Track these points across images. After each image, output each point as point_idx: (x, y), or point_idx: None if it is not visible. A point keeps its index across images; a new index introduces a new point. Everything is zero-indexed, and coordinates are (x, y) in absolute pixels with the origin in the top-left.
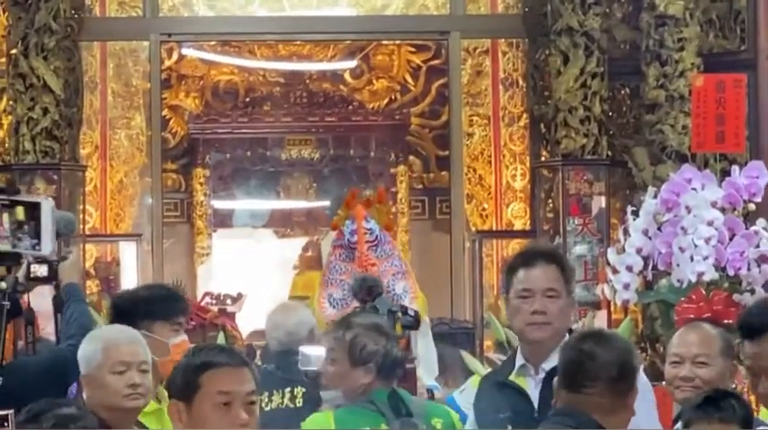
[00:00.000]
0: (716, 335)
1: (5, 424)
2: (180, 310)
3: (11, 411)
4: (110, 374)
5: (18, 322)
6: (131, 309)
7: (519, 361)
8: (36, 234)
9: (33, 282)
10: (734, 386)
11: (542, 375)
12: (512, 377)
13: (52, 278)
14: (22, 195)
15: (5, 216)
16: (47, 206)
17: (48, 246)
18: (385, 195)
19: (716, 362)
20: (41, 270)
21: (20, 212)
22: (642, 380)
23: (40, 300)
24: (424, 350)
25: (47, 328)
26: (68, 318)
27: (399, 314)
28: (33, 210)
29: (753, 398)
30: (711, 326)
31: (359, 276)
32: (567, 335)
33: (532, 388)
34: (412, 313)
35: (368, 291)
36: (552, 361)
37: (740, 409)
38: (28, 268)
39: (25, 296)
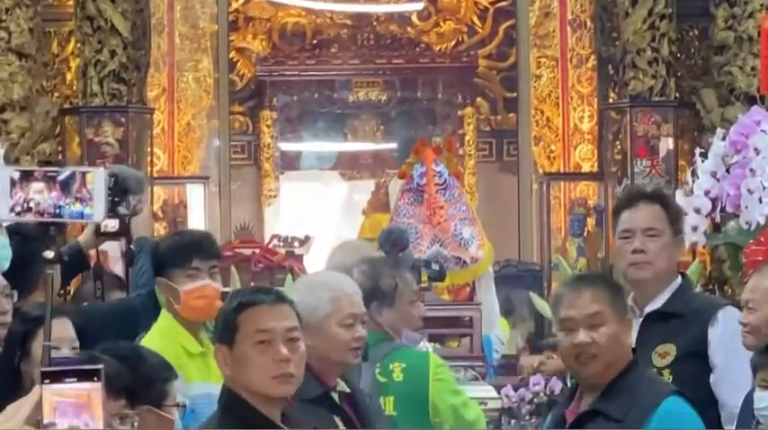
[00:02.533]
0: None
1: (96, 378)
2: (194, 255)
3: (101, 366)
4: (337, 326)
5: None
6: (155, 257)
7: (628, 302)
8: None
9: (104, 237)
10: None
11: (642, 318)
12: None
13: (123, 233)
14: (72, 167)
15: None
16: (99, 176)
17: (99, 213)
18: (454, 144)
19: (763, 308)
20: (112, 224)
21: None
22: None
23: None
24: (485, 301)
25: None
26: (138, 270)
27: (423, 267)
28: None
29: None
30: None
31: (385, 228)
32: (680, 278)
33: (634, 329)
34: (436, 266)
35: (393, 243)
36: (656, 303)
37: None
38: (98, 224)
39: (93, 251)
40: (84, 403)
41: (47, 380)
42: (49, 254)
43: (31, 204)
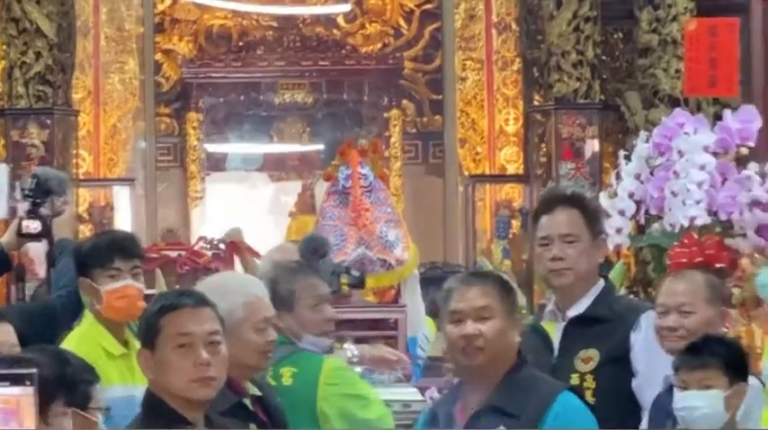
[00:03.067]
0: (701, 283)
1: (28, 382)
2: (115, 256)
3: (34, 370)
4: (251, 331)
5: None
6: (76, 258)
7: (550, 306)
8: None
9: (26, 238)
10: (725, 331)
11: (564, 323)
12: (542, 322)
13: (45, 234)
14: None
15: None
16: (2, 170)
17: (2, 210)
18: (380, 146)
19: (701, 310)
20: (34, 225)
21: None
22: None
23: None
24: (410, 303)
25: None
26: (59, 271)
27: (344, 274)
28: None
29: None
30: (698, 272)
31: (306, 236)
32: (602, 281)
33: (557, 334)
34: (357, 273)
35: (313, 250)
36: (578, 307)
37: (725, 352)
38: (20, 224)
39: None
40: (13, 409)
41: None
42: None
43: None
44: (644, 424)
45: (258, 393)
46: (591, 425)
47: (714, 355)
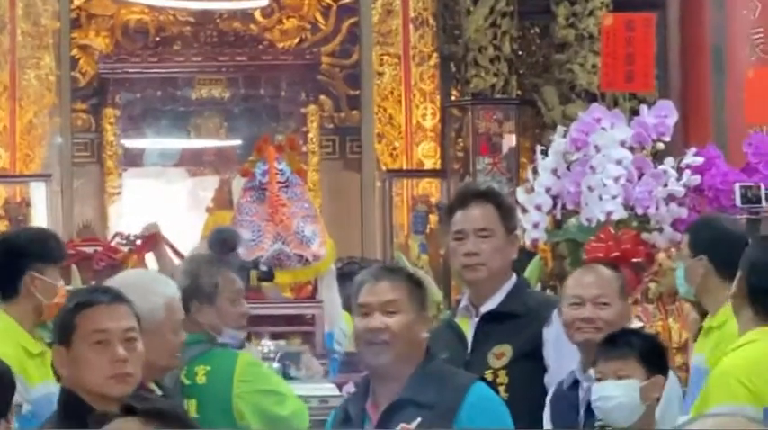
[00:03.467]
0: (613, 277)
1: None
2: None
3: None
4: (170, 332)
5: None
6: (26, 250)
7: (464, 302)
8: None
9: None
10: (641, 325)
11: (478, 318)
12: (456, 318)
13: None
14: None
15: None
16: None
17: None
18: (296, 142)
19: (615, 303)
20: None
21: None
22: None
23: None
24: (327, 299)
25: None
26: None
27: (252, 268)
28: None
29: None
30: (605, 267)
31: (214, 229)
32: (515, 276)
33: (470, 330)
34: (265, 267)
35: (222, 243)
36: (491, 303)
37: (641, 344)
38: None
39: None
40: None
41: None
42: None
43: None
44: (546, 417)
45: (160, 393)
46: (504, 415)
47: (631, 347)
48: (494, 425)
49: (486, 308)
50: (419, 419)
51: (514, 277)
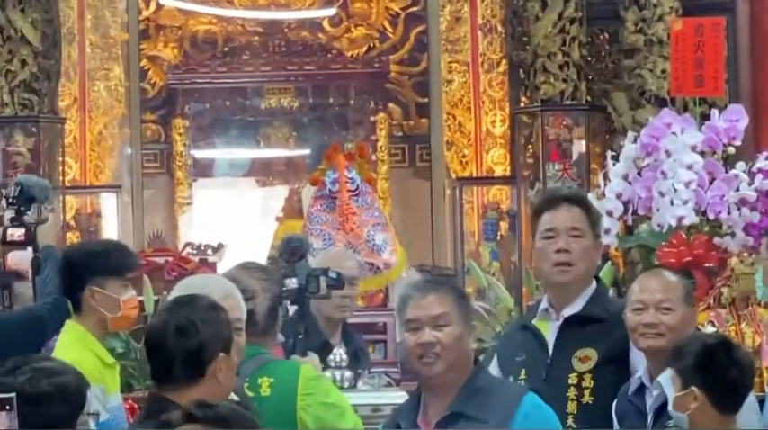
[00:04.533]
0: (678, 282)
1: (8, 407)
2: (131, 266)
3: (13, 394)
4: None
5: None
6: (84, 264)
7: (543, 304)
8: None
9: (10, 246)
10: (714, 330)
11: (560, 322)
12: (534, 321)
13: (29, 242)
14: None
15: None
16: None
17: None
18: (366, 150)
19: (679, 308)
20: (18, 233)
21: None
22: None
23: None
24: None
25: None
26: (44, 279)
27: (321, 275)
28: None
29: None
30: (671, 272)
31: (284, 237)
32: (595, 282)
33: (551, 333)
34: (334, 274)
35: (291, 251)
36: (574, 307)
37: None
38: (4, 232)
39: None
40: None
41: None
42: None
43: None
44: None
45: (236, 398)
46: (555, 424)
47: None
48: None
49: (569, 311)
50: None
51: (595, 283)
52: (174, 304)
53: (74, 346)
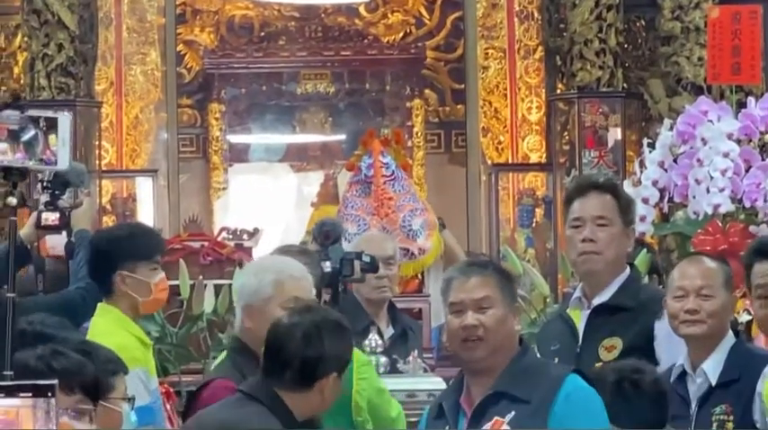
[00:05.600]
0: (718, 268)
1: (49, 394)
2: (159, 249)
3: (55, 381)
4: (279, 309)
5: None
6: (113, 249)
7: (577, 293)
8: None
9: (44, 230)
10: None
11: (589, 310)
12: (568, 310)
13: (63, 226)
14: (38, 110)
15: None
16: (64, 120)
17: (64, 162)
18: (402, 136)
19: (719, 295)
20: (53, 217)
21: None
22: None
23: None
24: (434, 293)
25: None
26: (78, 263)
27: (355, 259)
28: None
29: None
30: (711, 258)
31: (318, 221)
32: (628, 269)
33: (582, 322)
34: (367, 258)
35: (325, 235)
36: (604, 295)
37: None
38: (39, 216)
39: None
40: (13, 420)
41: (0, 394)
42: (12, 200)
43: None
44: None
45: None
46: (599, 407)
47: None
48: (588, 416)
49: (599, 300)
50: (513, 413)
51: (628, 270)
52: (305, 309)
53: (113, 329)
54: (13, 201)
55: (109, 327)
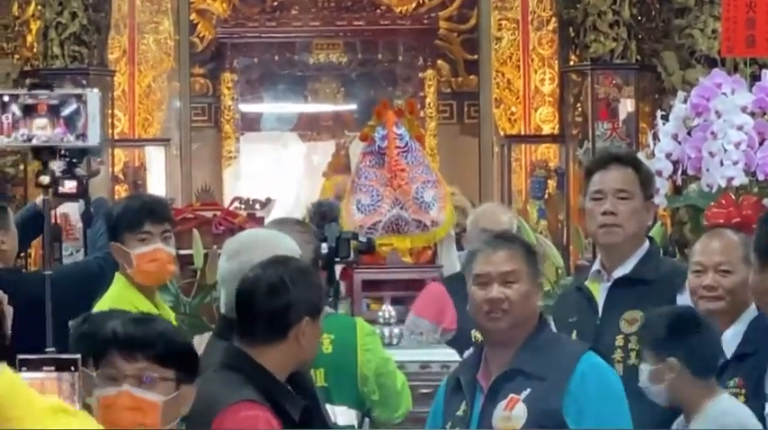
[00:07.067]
0: (738, 242)
1: (72, 368)
2: (141, 221)
3: (78, 356)
4: None
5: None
6: (108, 220)
7: (595, 266)
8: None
9: (62, 198)
10: None
11: (609, 283)
12: (587, 282)
13: (81, 194)
14: (66, 88)
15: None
16: (93, 97)
17: (95, 137)
18: (415, 106)
19: (739, 270)
20: (70, 185)
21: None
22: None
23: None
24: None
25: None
26: (96, 232)
27: (351, 239)
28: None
29: None
30: (734, 232)
31: (315, 201)
32: (647, 242)
33: (602, 295)
34: (364, 238)
35: (321, 215)
36: (624, 268)
37: None
38: (56, 184)
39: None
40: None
41: (23, 369)
42: (45, 179)
43: (35, 141)
44: None
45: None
46: (615, 384)
47: None
48: (604, 394)
49: (619, 273)
50: (528, 390)
51: (647, 243)
52: (269, 262)
53: (107, 300)
54: (45, 179)
55: (105, 300)
